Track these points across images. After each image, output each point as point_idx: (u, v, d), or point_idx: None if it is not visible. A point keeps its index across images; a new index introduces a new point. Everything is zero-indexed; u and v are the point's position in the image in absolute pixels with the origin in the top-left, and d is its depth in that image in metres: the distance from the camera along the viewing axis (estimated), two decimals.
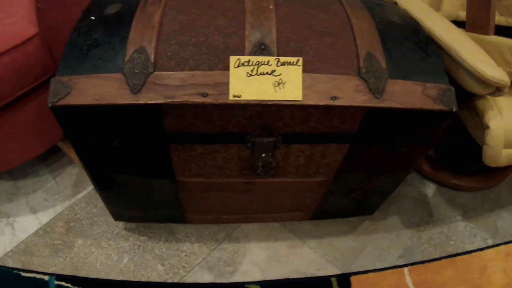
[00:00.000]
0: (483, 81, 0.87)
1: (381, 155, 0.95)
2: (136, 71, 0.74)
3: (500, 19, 1.48)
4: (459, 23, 1.17)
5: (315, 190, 1.07)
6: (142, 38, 0.76)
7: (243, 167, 0.93)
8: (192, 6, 0.83)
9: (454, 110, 0.81)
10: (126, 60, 0.74)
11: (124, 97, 0.72)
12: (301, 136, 0.85)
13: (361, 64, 0.79)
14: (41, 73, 1.03)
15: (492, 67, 0.87)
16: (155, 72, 0.74)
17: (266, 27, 0.79)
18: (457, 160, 1.57)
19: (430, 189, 1.50)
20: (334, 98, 0.77)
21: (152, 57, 0.75)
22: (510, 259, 1.42)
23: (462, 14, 1.25)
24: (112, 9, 0.85)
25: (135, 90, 0.73)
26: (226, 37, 0.78)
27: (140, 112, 0.74)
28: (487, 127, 1.00)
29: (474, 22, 1.12)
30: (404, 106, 0.78)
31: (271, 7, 0.82)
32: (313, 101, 0.76)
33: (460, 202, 1.50)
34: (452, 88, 0.83)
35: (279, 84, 0.77)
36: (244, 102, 0.74)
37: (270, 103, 0.74)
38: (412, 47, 0.87)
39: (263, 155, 0.85)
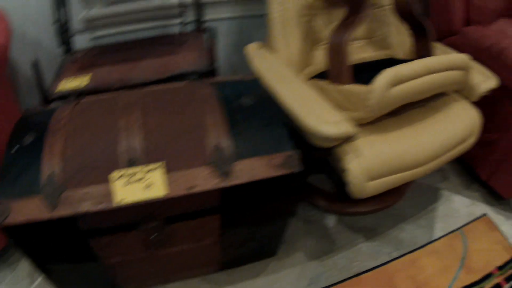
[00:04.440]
0: (325, 138, 1.32)
1: (255, 216, 1.42)
2: (51, 192, 1.20)
3: (376, 54, 1.95)
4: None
5: (208, 249, 1.54)
6: (51, 165, 1.23)
7: (145, 244, 1.39)
8: (83, 130, 1.31)
9: (298, 171, 1.27)
10: (43, 184, 1.20)
11: (46, 213, 1.18)
12: (179, 216, 1.32)
13: (211, 155, 1.25)
14: None
15: (332, 124, 1.32)
16: (65, 191, 1.20)
17: (136, 141, 1.27)
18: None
19: (331, 220, 1.99)
20: (192, 187, 1.23)
21: (61, 179, 1.21)
22: (416, 265, 1.87)
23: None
24: (28, 139, 1.31)
25: (52, 207, 1.18)
26: (108, 155, 1.26)
27: (61, 221, 1.20)
28: (346, 170, 1.44)
29: (333, 74, 1.57)
30: (249, 180, 1.24)
31: (138, 123, 1.29)
32: (176, 193, 1.22)
33: (361, 225, 1.98)
34: (295, 153, 1.29)
35: (149, 186, 1.23)
36: (127, 204, 1.20)
37: (146, 201, 1.20)
38: (260, 124, 1.35)
39: (153, 236, 1.32)
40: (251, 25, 2.18)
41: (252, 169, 1.27)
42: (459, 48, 2.14)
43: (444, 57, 1.57)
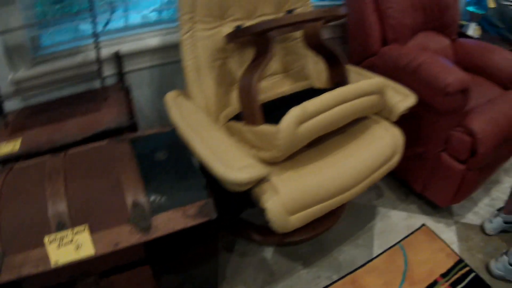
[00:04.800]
0: (236, 184, 1.46)
1: (182, 261, 1.58)
2: None
3: (296, 86, 2.13)
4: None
5: None
6: None
7: None
8: (16, 198, 1.45)
9: (214, 217, 1.43)
10: None
11: None
12: (112, 270, 1.47)
13: (131, 212, 1.41)
14: None
15: (241, 170, 1.46)
16: (5, 258, 1.33)
17: (62, 207, 1.41)
18: None
19: (269, 252, 2.13)
20: (117, 244, 1.38)
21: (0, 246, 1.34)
22: (357, 285, 2.03)
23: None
24: None
25: None
26: (39, 221, 1.39)
27: (7, 285, 1.33)
28: (265, 209, 1.58)
29: (246, 115, 1.72)
30: (167, 232, 1.40)
31: (62, 190, 1.44)
32: (103, 251, 1.37)
33: (300, 252, 2.13)
34: (209, 201, 1.45)
35: (79, 247, 1.38)
36: (63, 264, 1.35)
37: (80, 260, 1.35)
38: (175, 177, 1.50)
39: None
40: (174, 70, 2.31)
41: (169, 222, 1.41)
42: (379, 68, 2.34)
43: (355, 86, 1.72)
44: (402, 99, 2.00)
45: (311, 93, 1.79)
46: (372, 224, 2.40)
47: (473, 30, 3.42)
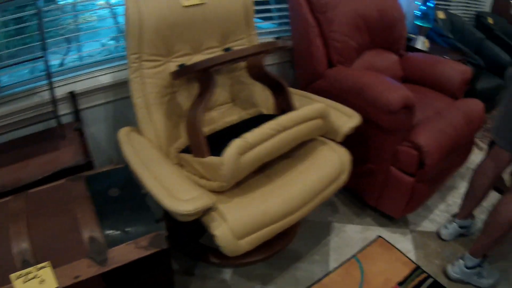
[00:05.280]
0: (183, 216, 1.57)
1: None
2: None
3: (245, 113, 2.25)
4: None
5: None
6: None
7: None
8: None
9: (164, 247, 1.55)
10: None
11: None
12: None
13: (88, 247, 1.53)
14: None
15: (188, 202, 1.58)
16: None
17: (25, 245, 1.52)
18: None
19: (228, 274, 2.25)
20: (77, 277, 1.50)
21: None
22: None
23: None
24: None
25: None
26: (6, 259, 1.50)
27: None
28: (214, 236, 1.68)
29: (193, 147, 1.84)
30: (122, 264, 1.53)
31: (25, 229, 1.56)
32: (64, 284, 1.49)
33: (257, 272, 2.26)
34: (161, 232, 1.58)
35: (42, 281, 1.50)
36: None
37: None
38: (127, 212, 1.63)
39: None
40: (127, 105, 2.31)
41: (124, 254, 1.53)
42: (326, 91, 2.48)
43: (296, 114, 1.86)
44: (347, 120, 2.14)
45: (259, 120, 1.92)
46: (328, 240, 2.52)
47: (421, 43, 3.60)
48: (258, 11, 2.81)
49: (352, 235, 2.56)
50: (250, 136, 1.70)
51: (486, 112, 2.71)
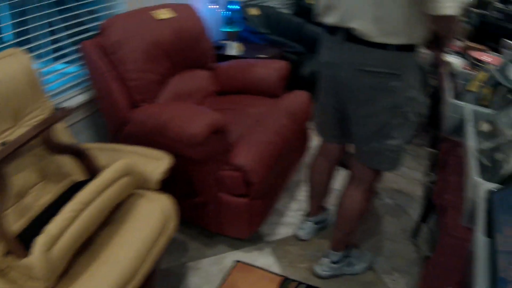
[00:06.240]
0: None
1: None
2: None
3: (60, 187, 2.09)
4: None
5: None
6: None
7: None
8: None
9: None
10: None
11: None
12: None
13: None
14: None
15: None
16: None
17: None
18: None
19: None
20: None
21: None
22: None
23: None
24: None
25: None
26: None
27: None
28: None
29: (9, 251, 1.70)
30: None
31: None
32: None
33: None
34: None
35: None
36: None
37: None
38: None
39: None
40: None
41: None
42: (135, 136, 2.38)
43: (96, 183, 1.75)
44: (156, 165, 2.05)
45: (73, 190, 1.81)
46: (186, 283, 2.43)
47: (234, 48, 3.61)
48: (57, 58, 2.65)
49: (209, 269, 2.49)
50: (53, 227, 1.58)
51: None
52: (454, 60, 2.94)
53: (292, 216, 2.91)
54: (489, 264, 1.07)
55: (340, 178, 2.85)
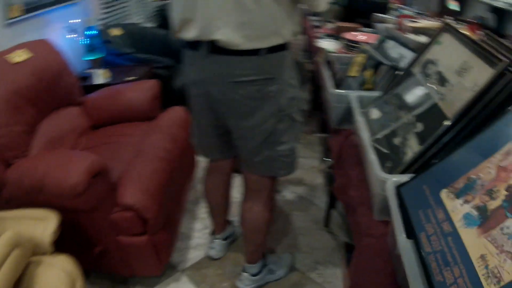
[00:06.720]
0: None
1: None
2: None
3: None
4: None
5: None
6: None
7: None
8: None
9: None
10: None
11: None
12: None
13: None
14: None
15: None
16: None
17: None
18: None
19: None
20: None
21: None
22: None
23: None
24: None
25: None
26: None
27: None
28: None
29: None
30: None
31: None
32: None
33: None
34: None
35: None
36: None
37: None
38: None
39: None
40: None
41: None
42: (15, 198, 2.13)
43: None
44: (44, 226, 1.88)
45: None
46: None
47: (100, 76, 3.46)
48: None
49: None
50: None
51: None
52: (328, 45, 2.93)
53: (199, 237, 2.84)
54: (420, 268, 1.00)
55: (239, 185, 2.76)
